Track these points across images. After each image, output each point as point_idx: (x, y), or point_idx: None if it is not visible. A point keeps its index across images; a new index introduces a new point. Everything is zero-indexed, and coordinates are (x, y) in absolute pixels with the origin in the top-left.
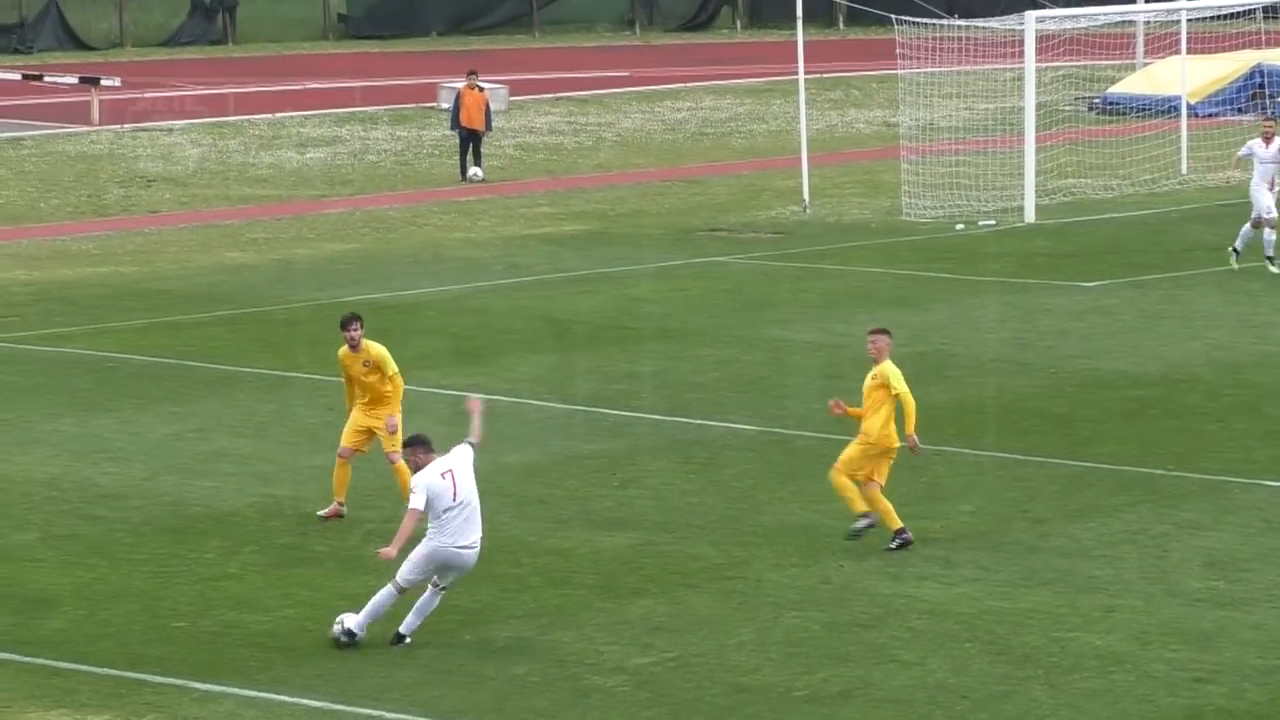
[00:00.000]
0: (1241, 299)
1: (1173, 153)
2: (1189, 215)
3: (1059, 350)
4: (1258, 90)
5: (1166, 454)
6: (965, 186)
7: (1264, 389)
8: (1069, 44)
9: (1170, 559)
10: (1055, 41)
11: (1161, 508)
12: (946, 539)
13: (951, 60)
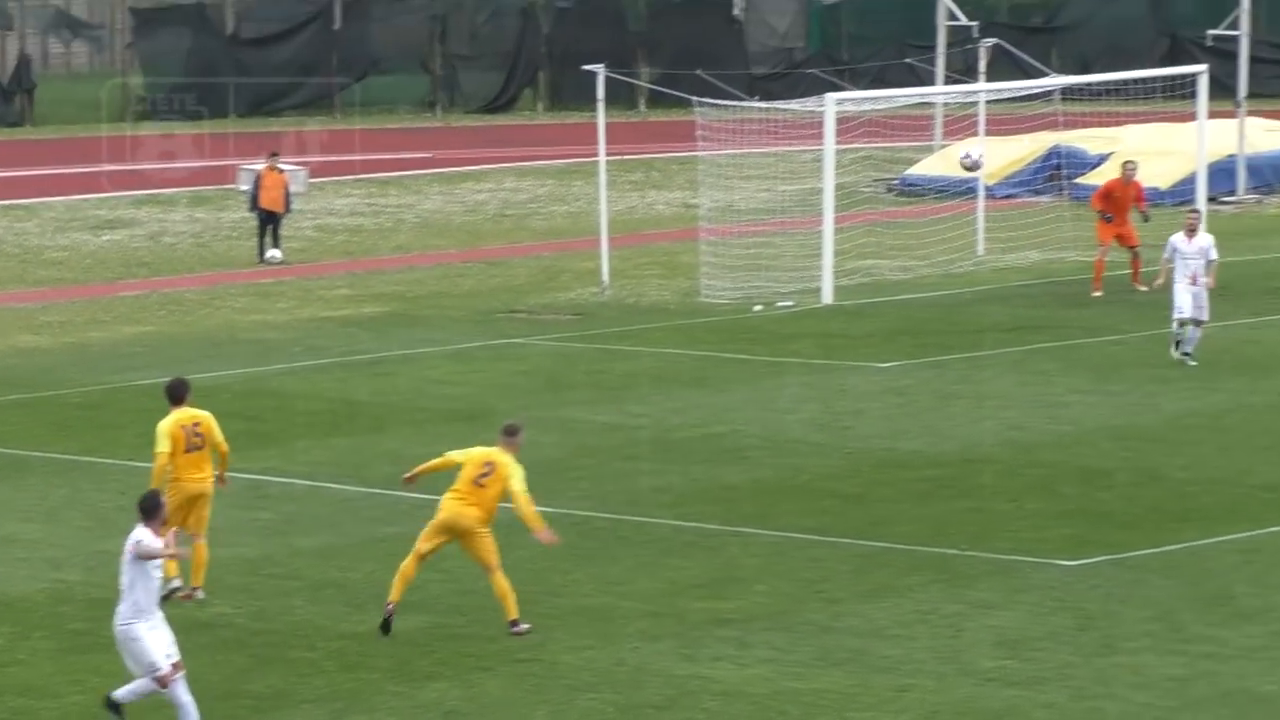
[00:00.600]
0: (1036, 379)
1: (969, 234)
2: (985, 296)
3: (855, 431)
4: (1055, 171)
5: (960, 534)
6: (764, 268)
7: (1057, 469)
8: (868, 126)
9: (963, 639)
10: (855, 123)
11: (954, 587)
12: (741, 619)
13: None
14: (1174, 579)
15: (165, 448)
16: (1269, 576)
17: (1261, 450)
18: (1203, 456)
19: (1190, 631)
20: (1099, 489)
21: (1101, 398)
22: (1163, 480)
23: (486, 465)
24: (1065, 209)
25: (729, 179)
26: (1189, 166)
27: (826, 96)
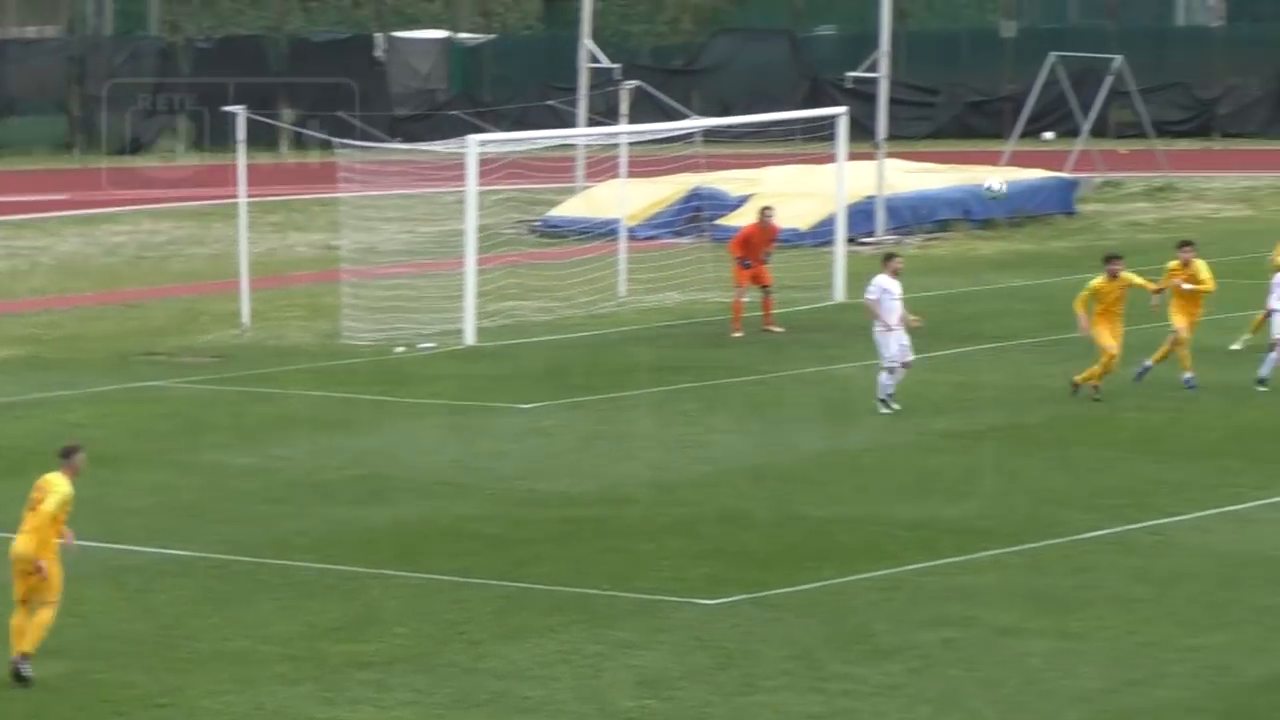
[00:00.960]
0: (677, 419)
1: (611, 275)
2: (627, 337)
3: (497, 472)
4: (696, 213)
5: (601, 574)
6: (406, 309)
7: (698, 508)
8: (510, 167)
9: (604, 678)
10: (497, 165)
11: (596, 627)
12: (382, 662)
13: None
14: (813, 617)
15: None
16: (907, 614)
17: (899, 489)
18: (841, 495)
19: (829, 670)
20: (739, 528)
21: (742, 437)
22: (802, 519)
23: (38, 489)
24: (706, 250)
25: (370, 220)
26: (829, 207)
27: (468, 138)
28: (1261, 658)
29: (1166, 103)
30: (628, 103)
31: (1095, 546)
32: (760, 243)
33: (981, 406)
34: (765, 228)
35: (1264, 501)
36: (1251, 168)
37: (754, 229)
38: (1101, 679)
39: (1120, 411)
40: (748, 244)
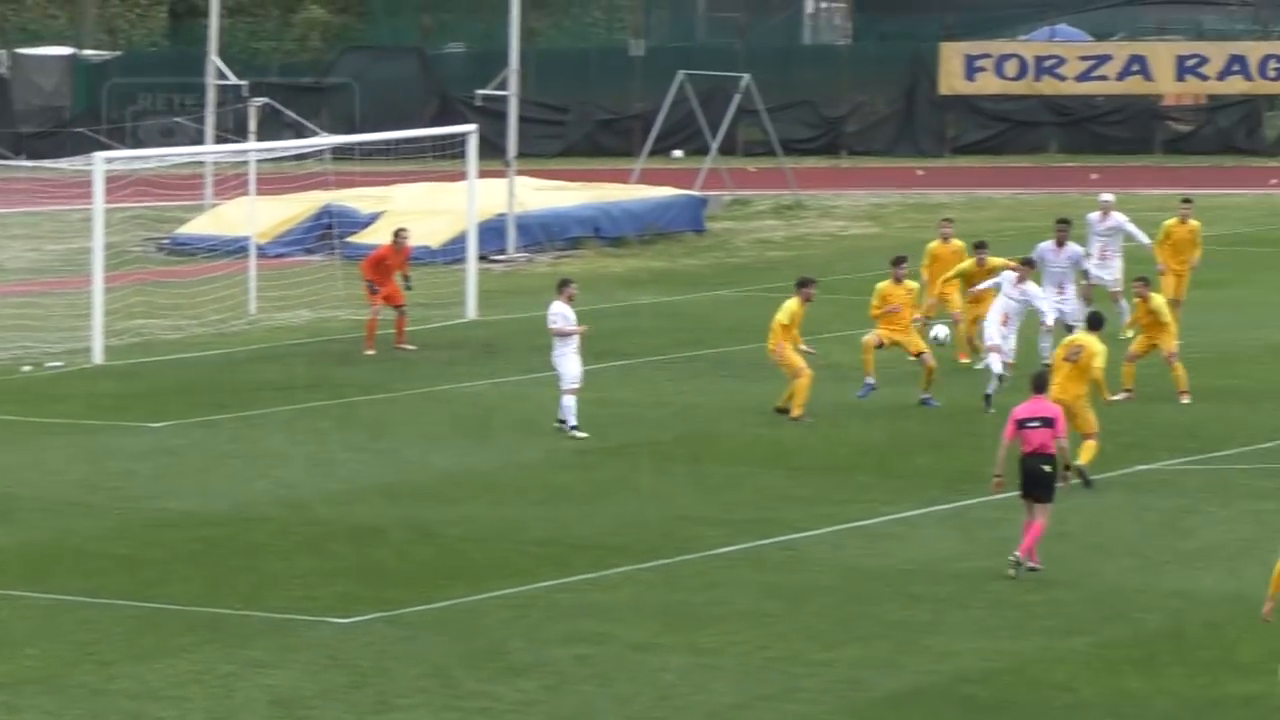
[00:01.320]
0: (309, 438)
1: (242, 293)
2: (258, 355)
3: (125, 491)
4: (326, 230)
5: (233, 593)
6: (32, 328)
7: (330, 526)
8: (139, 185)
9: (236, 698)
10: (125, 182)
11: (228, 647)
12: (10, 684)
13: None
14: (446, 635)
15: None
16: (540, 631)
17: (532, 505)
18: (474, 513)
19: (464, 688)
20: (371, 546)
21: (375, 455)
22: (435, 537)
23: None
24: (337, 268)
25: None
26: (460, 225)
27: (95, 155)
28: (893, 672)
29: (794, 121)
30: (256, 120)
31: (727, 562)
32: (394, 264)
33: (614, 423)
34: (399, 249)
35: (893, 516)
36: (878, 185)
37: (388, 250)
38: (734, 694)
39: (751, 427)
40: (380, 265)
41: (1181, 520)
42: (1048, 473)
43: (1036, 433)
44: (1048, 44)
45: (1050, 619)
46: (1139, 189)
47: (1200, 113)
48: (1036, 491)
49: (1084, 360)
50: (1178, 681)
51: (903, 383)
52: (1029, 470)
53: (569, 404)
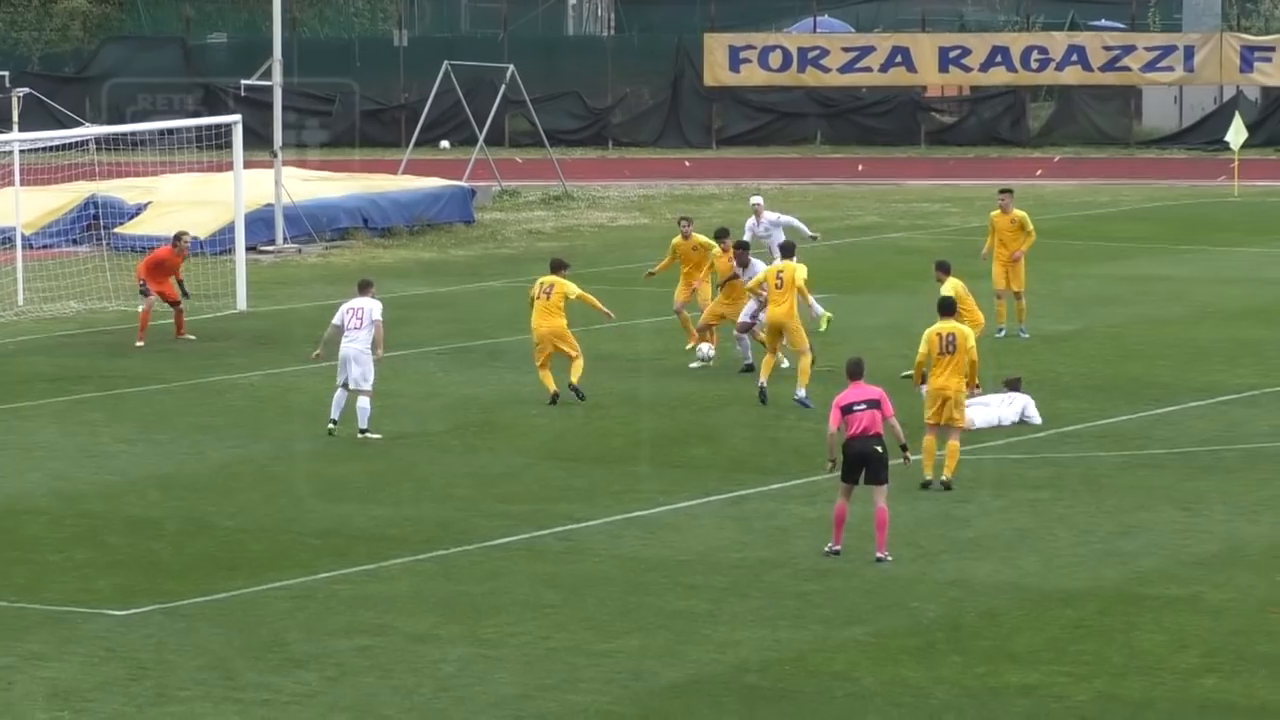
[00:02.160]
0: (81, 429)
1: (10, 284)
2: (27, 346)
3: None
4: (93, 221)
5: (8, 586)
6: None
7: (105, 519)
8: None
9: (15, 690)
10: None
11: (5, 640)
12: None
13: None
14: (225, 627)
15: None
16: (320, 623)
17: (308, 497)
18: (251, 504)
19: (244, 679)
20: (148, 538)
21: (149, 447)
22: (211, 528)
23: None
24: (106, 259)
25: None
26: (227, 216)
27: None
28: (673, 661)
29: (561, 112)
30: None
31: (505, 553)
32: (171, 267)
33: (389, 414)
34: (179, 252)
35: (670, 507)
36: (646, 176)
37: (167, 252)
38: (516, 684)
39: (527, 418)
40: (158, 267)
41: (956, 510)
42: (880, 453)
43: (863, 415)
44: (811, 35)
45: (828, 608)
46: (905, 180)
47: (964, 104)
48: (870, 473)
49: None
50: (956, 671)
51: (677, 375)
52: (859, 453)
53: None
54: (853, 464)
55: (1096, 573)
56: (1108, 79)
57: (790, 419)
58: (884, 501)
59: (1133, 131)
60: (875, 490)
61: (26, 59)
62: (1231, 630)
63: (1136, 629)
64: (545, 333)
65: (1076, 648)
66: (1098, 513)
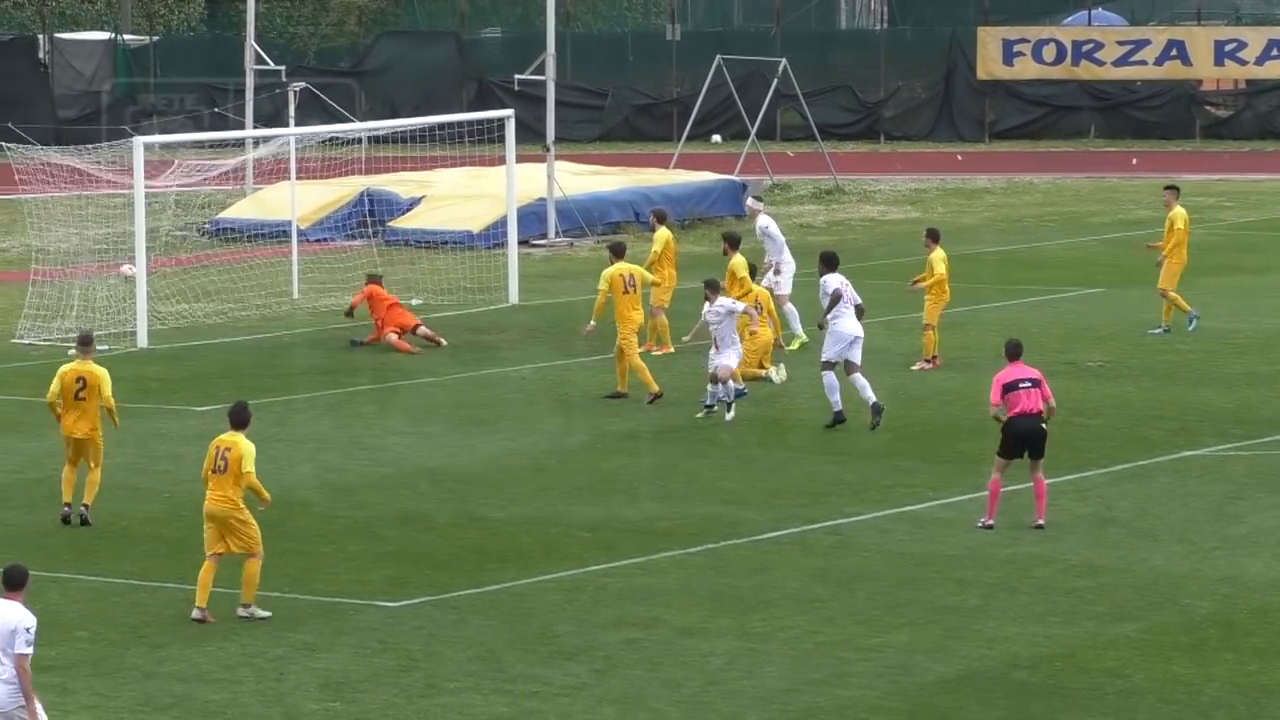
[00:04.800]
0: (353, 422)
1: (284, 277)
2: (301, 339)
3: (174, 475)
4: (367, 215)
5: (281, 577)
6: (78, 312)
7: (377, 510)
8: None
9: (287, 682)
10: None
11: (278, 630)
12: (63, 666)
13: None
14: (495, 619)
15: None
16: (589, 615)
17: (578, 490)
18: (521, 496)
19: (513, 671)
20: (418, 530)
21: (419, 439)
22: (482, 521)
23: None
24: (379, 253)
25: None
26: (499, 210)
27: (135, 140)
28: (942, 657)
29: (832, 106)
30: (295, 104)
31: (775, 547)
32: (381, 304)
33: (658, 407)
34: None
35: (940, 501)
36: (918, 170)
37: (374, 290)
38: (783, 679)
39: (795, 412)
40: (373, 306)
41: (1229, 506)
42: (1044, 430)
43: (1026, 394)
44: (1085, 29)
45: (1099, 605)
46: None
47: (1239, 97)
48: (1034, 450)
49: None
50: (1228, 668)
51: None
52: (1024, 431)
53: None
54: (1017, 442)
55: None
56: None
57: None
58: (1042, 473)
59: None
60: (1037, 464)
61: (302, 54)
62: None
63: None
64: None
65: None
66: None
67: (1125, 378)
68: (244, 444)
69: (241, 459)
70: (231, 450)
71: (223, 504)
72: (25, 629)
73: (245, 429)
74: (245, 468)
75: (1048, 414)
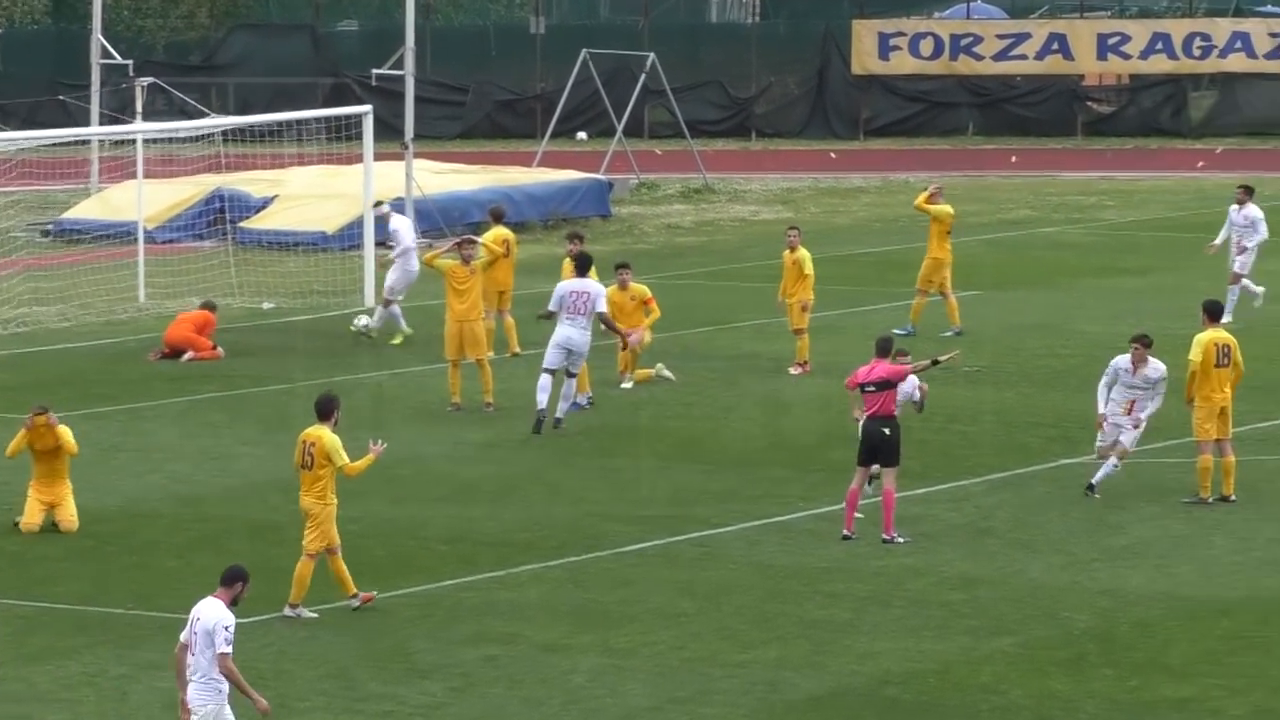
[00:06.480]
0: (202, 431)
1: (131, 280)
2: (149, 344)
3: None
4: (218, 215)
5: (125, 592)
6: None
7: (226, 523)
8: (21, 167)
9: (130, 701)
10: (6, 165)
11: (120, 648)
12: None
13: None
14: (347, 635)
15: None
16: (446, 631)
17: (435, 501)
18: (376, 508)
19: (365, 690)
20: (269, 544)
21: (271, 449)
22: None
23: None
24: (231, 254)
25: None
26: (355, 210)
27: None
28: (812, 673)
29: (702, 102)
30: (142, 100)
31: (639, 559)
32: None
33: (519, 416)
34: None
35: (810, 512)
36: (790, 168)
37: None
38: (648, 696)
39: (662, 420)
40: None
41: (1109, 516)
42: (889, 436)
43: (875, 396)
44: (964, 21)
45: (975, 618)
46: (1060, 172)
47: (1123, 93)
48: (882, 457)
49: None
50: (1108, 684)
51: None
52: (868, 434)
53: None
54: (866, 446)
55: (1255, 582)
56: (1274, 66)
57: (938, 421)
58: (892, 484)
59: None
60: (885, 473)
61: (151, 47)
62: None
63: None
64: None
65: (1234, 660)
66: (1258, 519)
67: (1003, 383)
68: (328, 437)
69: (329, 453)
70: (316, 445)
71: (314, 501)
72: (224, 627)
73: (329, 421)
74: (338, 462)
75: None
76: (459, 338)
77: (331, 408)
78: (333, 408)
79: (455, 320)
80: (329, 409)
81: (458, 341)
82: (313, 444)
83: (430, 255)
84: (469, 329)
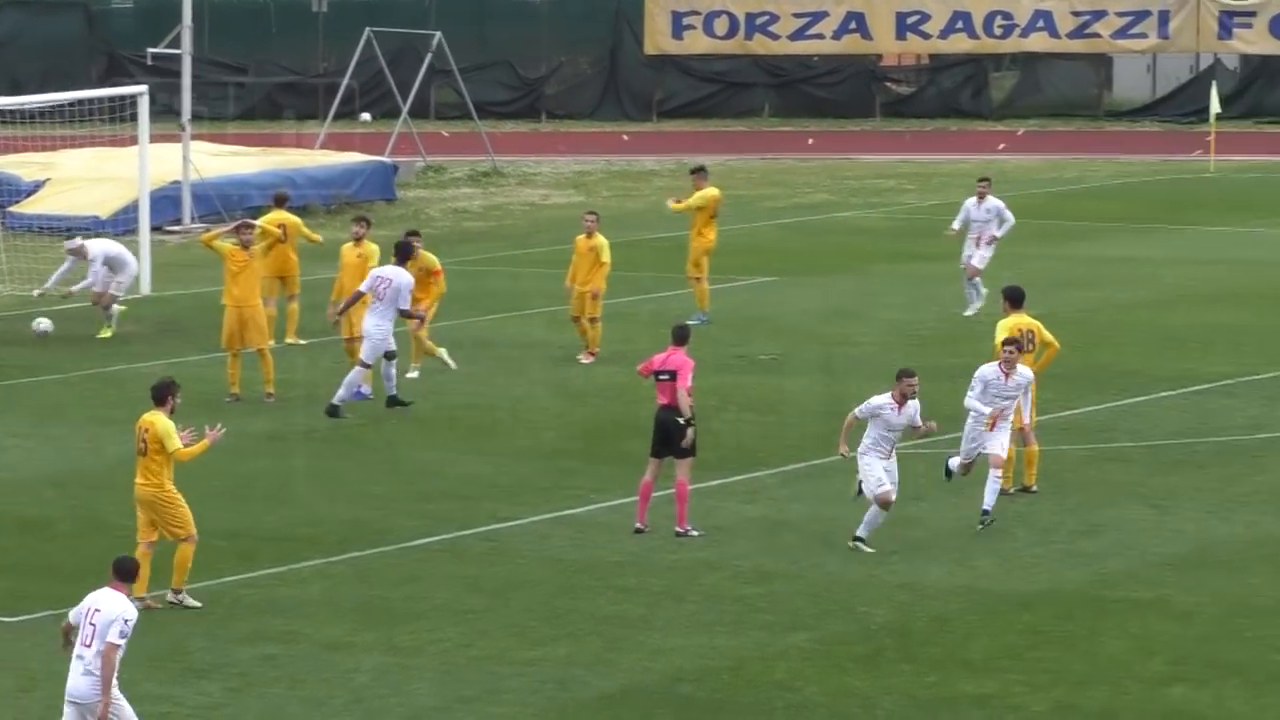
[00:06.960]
0: None
1: None
2: None
3: None
4: None
5: None
6: None
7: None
8: None
9: None
10: None
11: None
12: None
13: None
14: None
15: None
16: (224, 629)
17: (214, 495)
18: None
19: (141, 690)
20: (41, 540)
21: (42, 441)
22: (108, 529)
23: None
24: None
25: None
26: (131, 193)
27: None
28: (603, 670)
29: (491, 82)
30: None
31: (425, 554)
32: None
33: (300, 406)
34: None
35: (602, 504)
36: (581, 151)
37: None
38: (434, 695)
39: (450, 410)
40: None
41: (908, 508)
42: (680, 425)
43: (664, 386)
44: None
45: (770, 613)
46: (858, 154)
47: (922, 73)
48: (673, 447)
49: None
50: (905, 680)
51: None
52: (661, 424)
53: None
54: (658, 436)
55: (1057, 575)
56: (1076, 46)
57: (731, 411)
58: (686, 476)
59: (1102, 103)
60: (678, 464)
61: None
62: (1200, 636)
63: (1099, 635)
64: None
65: (1035, 655)
66: (1060, 510)
67: (799, 372)
68: (162, 421)
69: (161, 438)
70: (150, 430)
71: (148, 488)
72: (124, 620)
73: (165, 407)
74: (169, 446)
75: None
76: (238, 324)
77: (167, 393)
78: (168, 393)
79: (233, 305)
80: (164, 394)
81: (237, 329)
82: (146, 429)
83: (209, 235)
84: (248, 314)
